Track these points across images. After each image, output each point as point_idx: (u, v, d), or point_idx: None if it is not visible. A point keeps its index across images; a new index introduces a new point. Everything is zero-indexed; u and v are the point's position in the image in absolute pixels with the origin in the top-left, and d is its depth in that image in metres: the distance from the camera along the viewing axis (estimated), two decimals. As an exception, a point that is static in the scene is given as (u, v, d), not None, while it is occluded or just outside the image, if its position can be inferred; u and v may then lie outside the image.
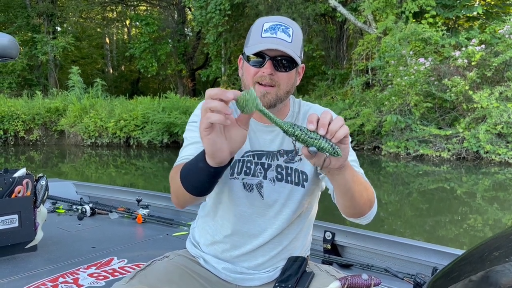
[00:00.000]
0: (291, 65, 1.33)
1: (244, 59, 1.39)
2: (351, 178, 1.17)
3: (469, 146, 10.15)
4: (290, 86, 1.37)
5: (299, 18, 16.15)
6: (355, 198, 1.22)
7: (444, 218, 6.04)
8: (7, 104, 15.66)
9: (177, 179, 1.22)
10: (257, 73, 1.32)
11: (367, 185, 1.29)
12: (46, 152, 14.65)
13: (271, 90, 1.33)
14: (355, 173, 1.22)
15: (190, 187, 1.19)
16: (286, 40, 1.30)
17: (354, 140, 12.65)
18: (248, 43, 1.35)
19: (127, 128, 14.65)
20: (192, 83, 24.87)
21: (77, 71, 16.92)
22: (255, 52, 1.29)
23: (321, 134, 1.01)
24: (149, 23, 21.86)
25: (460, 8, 13.10)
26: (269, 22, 1.33)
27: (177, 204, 1.32)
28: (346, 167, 1.12)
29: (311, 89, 18.08)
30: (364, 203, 1.26)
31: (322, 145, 1.00)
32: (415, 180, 8.92)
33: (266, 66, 1.30)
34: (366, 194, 1.26)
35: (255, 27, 1.35)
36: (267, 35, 1.30)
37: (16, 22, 24.01)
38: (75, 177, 9.81)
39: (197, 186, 1.18)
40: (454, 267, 0.91)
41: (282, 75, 1.33)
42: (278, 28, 1.31)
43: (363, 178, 1.29)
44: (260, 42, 1.30)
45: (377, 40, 13.40)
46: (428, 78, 11.05)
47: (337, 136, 1.01)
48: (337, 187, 1.21)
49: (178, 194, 1.25)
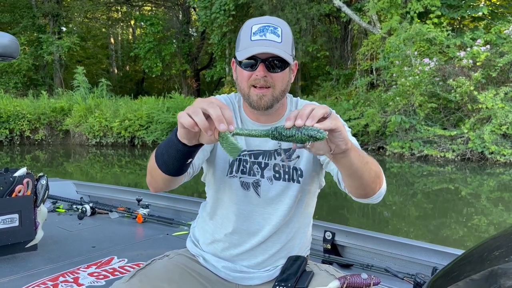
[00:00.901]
0: (283, 65, 1.34)
1: (236, 63, 1.40)
2: (357, 159, 1.17)
3: (474, 146, 10.10)
4: (285, 85, 1.39)
5: (304, 18, 16.13)
6: (364, 177, 1.22)
7: (449, 219, 6.01)
8: (13, 104, 15.74)
9: (153, 157, 1.24)
10: (251, 77, 1.34)
11: (374, 162, 1.27)
12: (51, 151, 14.70)
13: (266, 92, 1.34)
14: (360, 152, 1.21)
15: (162, 162, 1.20)
16: (276, 41, 1.31)
17: (359, 140, 12.49)
18: (239, 47, 1.36)
19: (132, 128, 14.69)
20: (197, 83, 24.87)
21: (82, 71, 16.98)
22: (247, 57, 1.30)
23: (298, 125, 1.01)
24: (154, 23, 21.88)
25: (465, 9, 13.02)
26: (257, 24, 1.34)
27: (150, 184, 1.34)
28: (349, 150, 1.12)
29: (316, 89, 18.04)
30: (373, 180, 1.25)
31: (300, 137, 1.00)
32: (419, 180, 8.88)
33: (259, 69, 1.31)
34: (374, 171, 1.24)
35: (243, 30, 1.36)
36: (256, 38, 1.31)
37: (22, 22, 24.10)
38: (80, 176, 9.84)
39: (168, 162, 1.18)
40: (454, 267, 0.91)
41: (275, 75, 1.34)
42: (267, 30, 1.32)
43: (370, 157, 1.27)
44: (251, 46, 1.30)
45: (382, 40, 13.34)
46: (432, 78, 10.99)
47: (314, 115, 1.01)
48: (344, 170, 1.20)
49: (152, 173, 1.27)
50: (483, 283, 0.75)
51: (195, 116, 1.00)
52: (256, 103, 1.35)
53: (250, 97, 1.36)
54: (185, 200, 2.86)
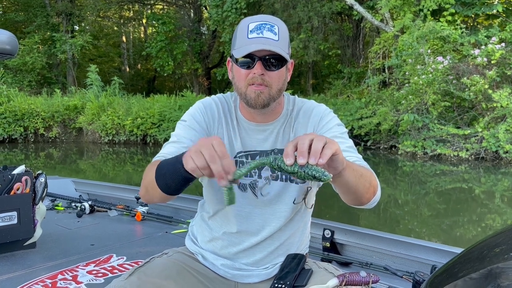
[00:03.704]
0: (280, 63, 1.34)
1: (232, 61, 1.39)
2: (352, 175, 1.17)
3: (488, 146, 9.95)
4: (281, 84, 1.38)
5: (315, 16, 16.06)
6: (358, 190, 1.23)
7: (462, 219, 5.95)
8: (27, 102, 15.92)
9: (152, 174, 1.23)
10: (248, 75, 1.33)
11: (368, 173, 1.28)
12: (65, 149, 14.86)
13: (264, 89, 1.34)
14: (354, 167, 1.21)
15: (163, 184, 1.20)
16: (273, 39, 1.31)
17: (370, 139, 12.57)
18: (235, 45, 1.35)
19: (144, 126, 14.77)
20: (208, 81, 24.91)
21: (95, 69, 17.10)
22: (244, 54, 1.30)
23: (301, 163, 0.98)
24: (165, 22, 21.94)
25: (479, 6, 12.83)
26: (254, 22, 1.34)
27: (143, 197, 1.35)
28: (345, 169, 1.12)
29: (327, 88, 17.98)
30: (367, 191, 1.26)
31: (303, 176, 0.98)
32: (432, 180, 8.78)
33: (256, 67, 1.31)
34: (368, 182, 1.25)
35: (240, 29, 1.36)
36: (253, 36, 1.31)
37: (35, 21, 24.38)
38: (93, 174, 9.92)
39: (170, 185, 1.19)
40: (453, 265, 0.92)
41: (272, 74, 1.34)
42: (263, 27, 1.32)
43: (363, 168, 1.27)
44: (248, 44, 1.30)
45: (394, 38, 13.23)
46: (446, 76, 10.87)
47: (316, 153, 1.00)
48: (340, 187, 1.23)
49: (149, 188, 1.27)
50: (481, 282, 0.75)
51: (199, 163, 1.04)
52: (254, 100, 1.34)
53: (247, 95, 1.35)
54: (184, 198, 2.85)
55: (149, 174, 1.26)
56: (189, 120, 1.45)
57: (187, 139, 1.39)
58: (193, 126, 1.43)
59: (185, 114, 1.49)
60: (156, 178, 1.21)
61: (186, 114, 1.48)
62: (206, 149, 1.03)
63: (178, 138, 1.41)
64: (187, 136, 1.40)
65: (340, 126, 1.45)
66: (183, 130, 1.42)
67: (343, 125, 1.46)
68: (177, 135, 1.43)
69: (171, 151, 1.35)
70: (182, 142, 1.37)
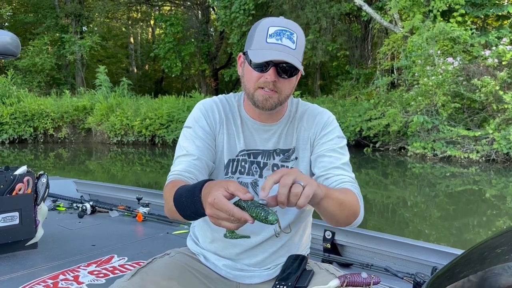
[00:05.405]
0: (293, 72, 1.35)
1: (245, 59, 1.39)
2: (331, 204, 1.21)
3: (499, 147, 9.84)
4: (290, 91, 1.40)
5: (324, 17, 16.02)
6: (336, 217, 1.28)
7: (472, 221, 5.87)
8: (37, 103, 16.08)
9: (171, 199, 1.21)
10: (260, 78, 1.33)
11: (350, 199, 1.31)
12: (74, 149, 14.96)
13: (273, 94, 1.34)
14: (335, 195, 1.24)
15: (183, 213, 1.19)
16: (291, 47, 1.31)
17: (379, 140, 12.51)
18: (252, 45, 1.35)
19: (153, 127, 14.84)
20: (215, 82, 24.98)
21: (104, 70, 17.19)
22: (261, 61, 1.30)
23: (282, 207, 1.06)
24: (173, 23, 22.04)
25: (489, 7, 12.73)
26: (274, 27, 1.33)
27: (168, 216, 1.34)
28: (323, 199, 1.15)
29: (335, 89, 17.95)
30: (346, 217, 1.30)
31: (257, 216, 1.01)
32: (442, 181, 8.69)
33: (270, 73, 1.31)
34: (348, 211, 1.29)
35: (259, 30, 1.35)
36: (272, 41, 1.31)
37: (45, 22, 24.70)
38: (102, 174, 9.94)
39: (189, 215, 1.18)
40: (453, 267, 0.91)
41: (284, 81, 1.35)
42: (283, 34, 1.32)
43: (345, 195, 1.30)
44: (265, 48, 1.30)
45: (403, 39, 13.15)
46: (456, 78, 10.78)
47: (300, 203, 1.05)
48: (319, 212, 1.26)
49: (171, 211, 1.25)
50: (482, 283, 0.75)
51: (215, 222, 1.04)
52: (262, 103, 1.36)
53: (255, 96, 1.36)
54: None
55: (168, 197, 1.24)
56: (193, 126, 1.46)
57: (196, 149, 1.40)
58: (198, 133, 1.44)
59: (189, 119, 1.50)
60: (177, 209, 1.19)
61: (190, 119, 1.49)
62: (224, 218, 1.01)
63: (187, 150, 1.41)
64: (195, 146, 1.41)
65: (340, 138, 1.47)
66: (190, 141, 1.42)
67: (344, 137, 1.48)
68: (184, 147, 1.43)
69: (183, 167, 1.36)
70: (192, 155, 1.38)
